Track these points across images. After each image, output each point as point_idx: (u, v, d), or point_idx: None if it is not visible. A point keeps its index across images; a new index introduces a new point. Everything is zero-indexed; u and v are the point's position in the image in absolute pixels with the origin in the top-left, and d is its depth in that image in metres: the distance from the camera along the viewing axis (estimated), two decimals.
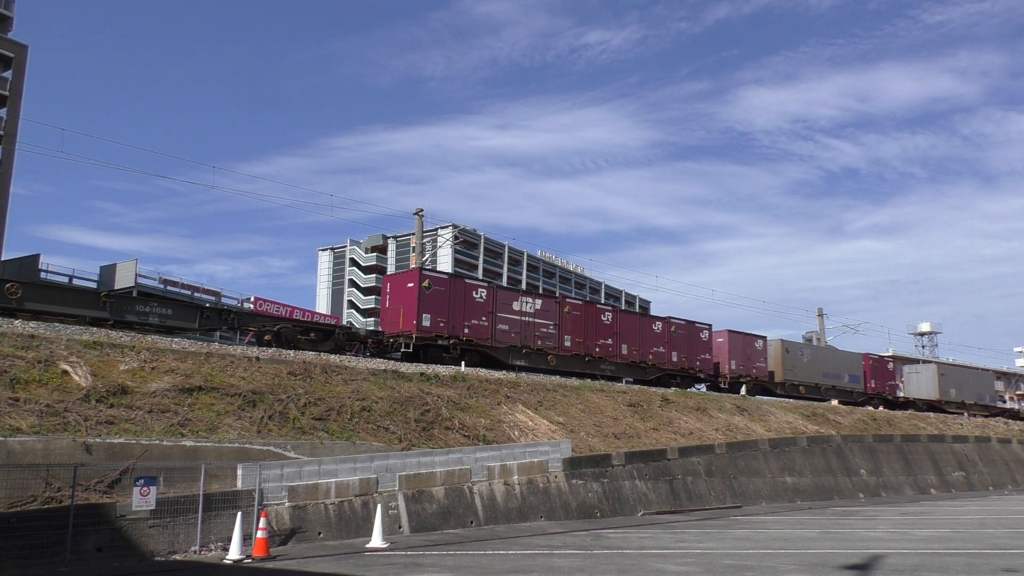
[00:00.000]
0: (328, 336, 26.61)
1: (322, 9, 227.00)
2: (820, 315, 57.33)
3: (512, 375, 27.14)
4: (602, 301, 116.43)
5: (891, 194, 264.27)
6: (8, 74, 60.52)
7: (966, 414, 51.73)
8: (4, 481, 12.29)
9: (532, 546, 14.79)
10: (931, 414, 48.07)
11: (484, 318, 28.82)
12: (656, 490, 22.69)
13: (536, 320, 30.64)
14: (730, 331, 40.13)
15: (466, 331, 28.20)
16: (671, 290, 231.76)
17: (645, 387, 32.84)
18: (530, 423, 22.84)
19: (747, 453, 27.02)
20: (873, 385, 48.34)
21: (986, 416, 53.69)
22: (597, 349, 32.87)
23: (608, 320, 33.71)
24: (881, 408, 46.32)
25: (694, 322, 38.45)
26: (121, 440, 14.01)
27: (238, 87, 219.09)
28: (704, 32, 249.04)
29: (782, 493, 27.33)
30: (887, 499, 31.12)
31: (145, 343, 18.96)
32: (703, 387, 38.17)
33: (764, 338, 41.96)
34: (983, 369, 70.54)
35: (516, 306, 30.04)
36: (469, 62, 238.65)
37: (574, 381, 29.53)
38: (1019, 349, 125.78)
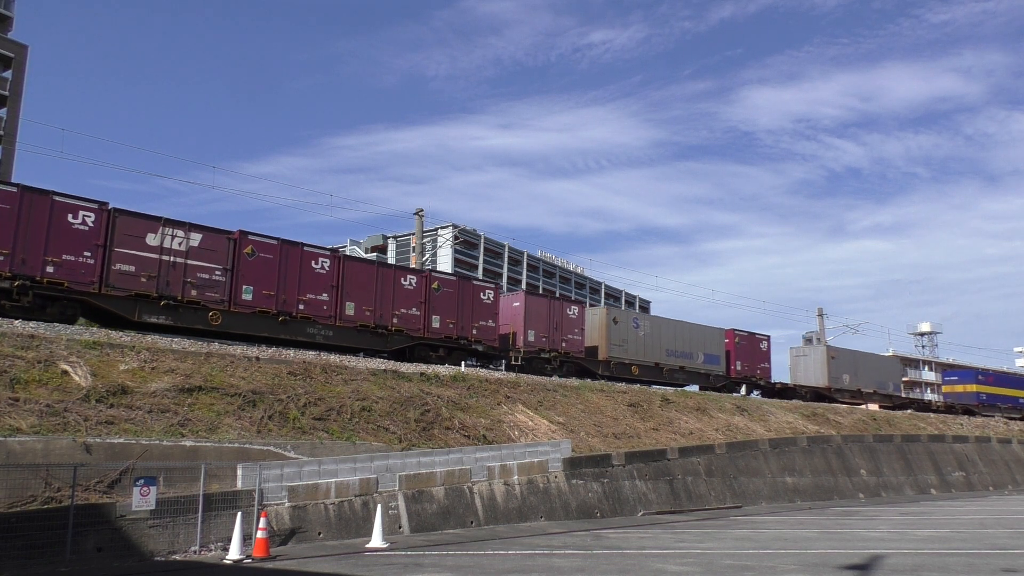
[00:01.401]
0: None
1: (326, 8, 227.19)
2: (820, 315, 57.33)
3: (512, 375, 27.11)
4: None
5: (894, 194, 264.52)
6: (8, 74, 60.56)
7: (867, 405, 46.11)
8: (4, 481, 12.28)
9: (532, 546, 14.79)
10: (931, 414, 47.99)
11: (89, 253, 20.64)
12: (656, 490, 22.69)
13: (191, 262, 22.46)
14: (529, 293, 32.83)
15: (49, 270, 20.01)
16: (671, 290, 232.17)
17: (645, 387, 32.80)
18: (530, 423, 22.84)
19: (747, 453, 27.02)
20: (739, 368, 40.54)
21: (890, 407, 48.25)
22: (301, 306, 24.57)
23: (324, 268, 25.37)
24: (755, 395, 40.63)
25: (472, 278, 30.56)
26: (121, 440, 14.01)
27: (241, 87, 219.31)
28: (708, 31, 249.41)
29: (782, 493, 27.32)
30: (887, 499, 31.12)
31: (145, 343, 18.96)
32: (498, 366, 31.15)
33: (582, 304, 34.78)
34: (891, 355, 61.36)
35: (153, 240, 21.79)
36: (472, 61, 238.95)
37: (574, 381, 29.50)
38: (1019, 349, 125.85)
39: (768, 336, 43.49)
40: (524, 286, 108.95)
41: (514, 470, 19.23)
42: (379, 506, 15.34)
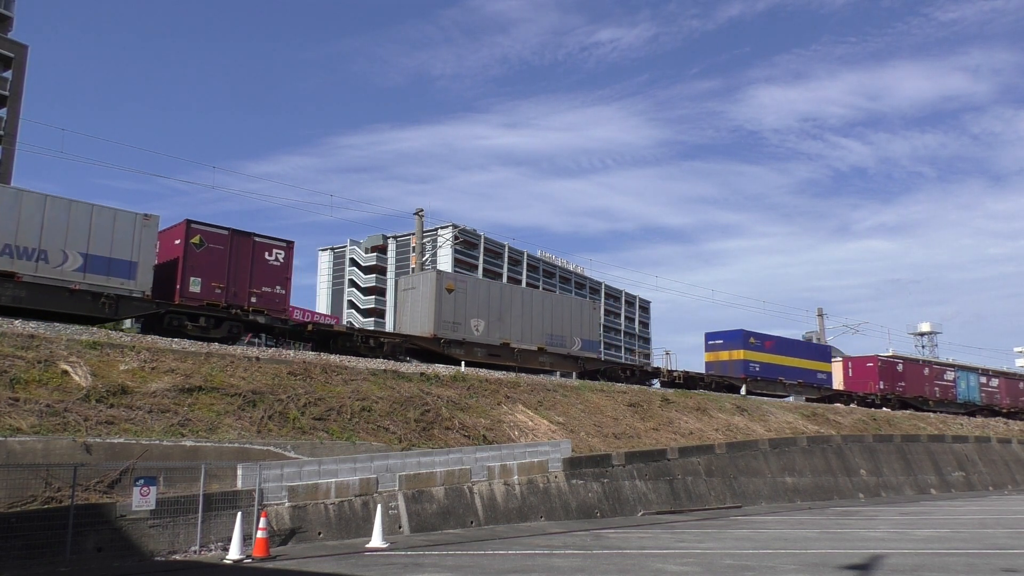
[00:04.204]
0: None
1: (332, 7, 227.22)
2: (820, 315, 57.33)
3: (512, 375, 27.10)
4: (603, 301, 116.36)
5: (899, 193, 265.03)
6: (8, 74, 60.58)
7: (558, 375, 32.85)
8: (4, 481, 12.29)
9: (532, 546, 14.80)
10: (931, 414, 47.81)
11: None
12: (656, 490, 22.69)
13: None
14: None
15: None
16: (673, 291, 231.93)
17: (645, 387, 32.78)
18: (530, 423, 22.84)
19: (747, 453, 27.03)
20: (199, 289, 22.74)
21: (577, 373, 33.70)
22: None
23: None
24: (249, 341, 27.12)
25: None
26: (121, 440, 14.02)
27: (246, 86, 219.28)
28: (716, 30, 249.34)
29: (782, 493, 27.33)
30: (887, 499, 31.13)
31: (145, 343, 18.97)
32: None
33: None
34: (585, 298, 38.76)
35: None
36: (479, 60, 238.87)
37: (574, 381, 29.49)
38: (1019, 349, 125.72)
39: (287, 243, 25.01)
40: (524, 285, 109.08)
41: (514, 470, 19.23)
42: (379, 506, 15.35)
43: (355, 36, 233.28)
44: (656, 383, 36.88)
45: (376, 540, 14.47)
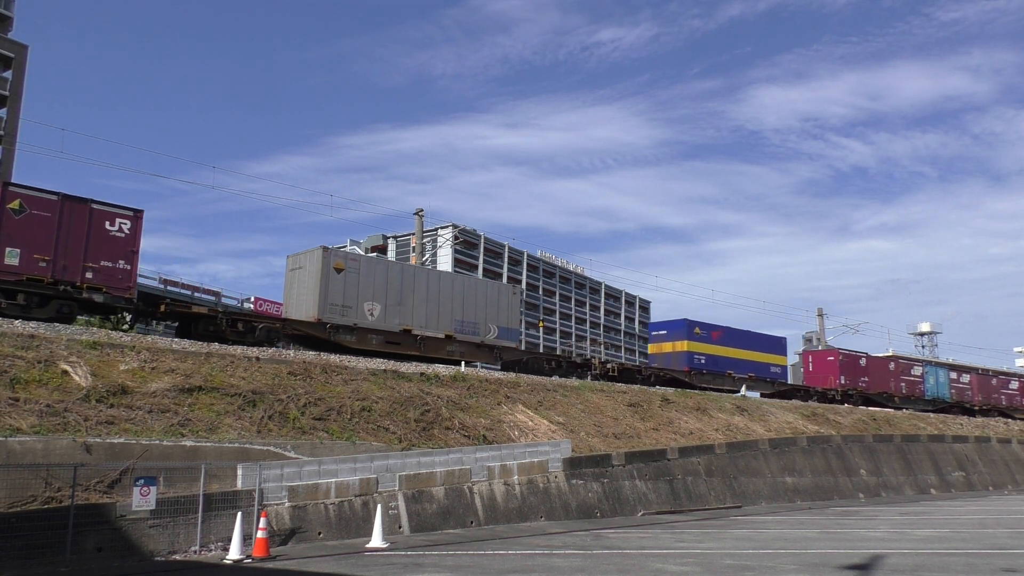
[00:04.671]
0: None
1: (333, 7, 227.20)
2: (820, 315, 57.34)
3: (512, 375, 27.10)
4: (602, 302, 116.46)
5: (900, 193, 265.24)
6: (8, 74, 60.62)
7: (471, 366, 28.86)
8: (4, 481, 12.29)
9: (532, 546, 14.80)
10: (931, 415, 47.75)
11: None
12: (656, 490, 22.69)
13: None
14: None
15: None
16: (673, 291, 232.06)
17: (645, 387, 32.75)
18: (530, 423, 22.84)
19: (747, 453, 27.03)
20: (20, 261, 19.61)
21: (504, 367, 31.14)
22: None
23: None
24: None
25: None
26: (121, 440, 14.01)
27: (246, 86, 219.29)
28: (717, 30, 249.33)
29: (782, 493, 27.33)
30: (887, 499, 31.13)
31: (145, 343, 18.96)
32: None
33: None
34: (504, 282, 34.44)
35: None
36: (480, 60, 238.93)
37: (574, 381, 29.48)
38: (1019, 349, 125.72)
39: (134, 212, 21.79)
40: (524, 285, 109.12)
41: (514, 470, 19.23)
42: (379, 506, 15.35)
43: (356, 36, 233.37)
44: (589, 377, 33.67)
45: (376, 540, 14.47)
